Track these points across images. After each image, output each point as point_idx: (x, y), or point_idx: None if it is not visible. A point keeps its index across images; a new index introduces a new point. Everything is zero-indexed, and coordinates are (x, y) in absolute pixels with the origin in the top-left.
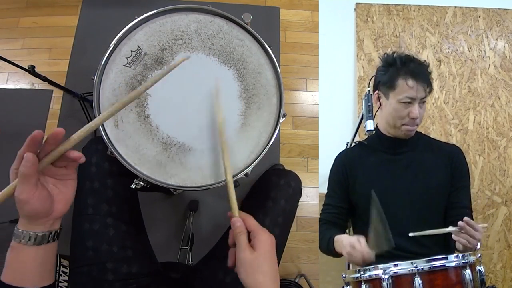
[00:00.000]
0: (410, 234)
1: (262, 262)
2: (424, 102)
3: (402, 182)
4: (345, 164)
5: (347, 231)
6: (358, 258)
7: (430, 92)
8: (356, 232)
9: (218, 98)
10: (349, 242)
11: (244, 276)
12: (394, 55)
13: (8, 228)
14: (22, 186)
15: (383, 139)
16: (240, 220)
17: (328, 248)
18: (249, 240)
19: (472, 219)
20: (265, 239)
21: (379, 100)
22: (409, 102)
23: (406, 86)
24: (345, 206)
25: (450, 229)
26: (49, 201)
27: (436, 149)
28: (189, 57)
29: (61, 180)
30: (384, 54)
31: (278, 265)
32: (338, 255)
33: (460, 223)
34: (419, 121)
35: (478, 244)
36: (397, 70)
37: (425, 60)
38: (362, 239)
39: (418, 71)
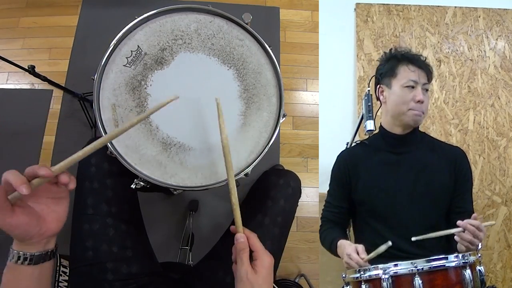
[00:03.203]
0: (413, 239)
1: (261, 284)
2: (427, 90)
3: (405, 182)
4: (347, 163)
5: (347, 230)
6: (354, 266)
7: (430, 80)
8: (356, 230)
9: (220, 115)
10: (346, 251)
11: None
12: (392, 50)
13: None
14: None
15: (387, 137)
16: (244, 237)
17: (331, 249)
18: (251, 258)
19: None
20: (268, 262)
21: (382, 94)
22: (412, 87)
23: (408, 70)
24: (346, 205)
25: (453, 230)
26: (34, 224)
27: (440, 150)
28: (178, 97)
29: (52, 198)
30: (382, 53)
31: (278, 265)
32: (339, 256)
33: (461, 223)
34: (425, 108)
35: (480, 244)
36: (397, 60)
37: (422, 54)
38: (360, 248)
39: (417, 58)
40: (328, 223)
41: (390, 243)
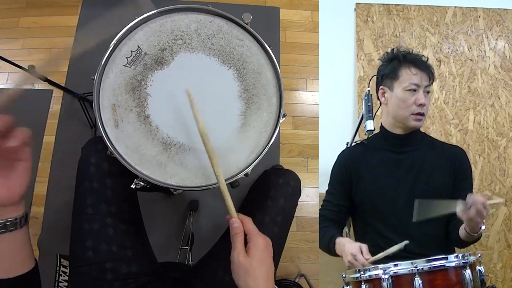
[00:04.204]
0: (414, 220)
1: (255, 267)
2: (428, 92)
3: (405, 181)
4: (348, 162)
5: (346, 230)
6: (357, 266)
7: (432, 81)
8: (356, 229)
9: (193, 105)
10: (350, 250)
11: (236, 278)
12: (394, 50)
13: None
14: None
15: (388, 136)
16: (239, 222)
17: (328, 248)
18: (246, 242)
19: None
20: (260, 243)
21: (384, 96)
22: (414, 90)
23: (410, 73)
24: (345, 204)
25: (458, 206)
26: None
27: (440, 149)
28: None
29: (8, 161)
30: (384, 53)
31: (278, 265)
32: (336, 255)
33: (470, 200)
34: (426, 110)
35: (483, 226)
36: (399, 61)
37: (423, 55)
38: (364, 247)
39: (419, 60)
40: (326, 222)
41: (403, 244)
